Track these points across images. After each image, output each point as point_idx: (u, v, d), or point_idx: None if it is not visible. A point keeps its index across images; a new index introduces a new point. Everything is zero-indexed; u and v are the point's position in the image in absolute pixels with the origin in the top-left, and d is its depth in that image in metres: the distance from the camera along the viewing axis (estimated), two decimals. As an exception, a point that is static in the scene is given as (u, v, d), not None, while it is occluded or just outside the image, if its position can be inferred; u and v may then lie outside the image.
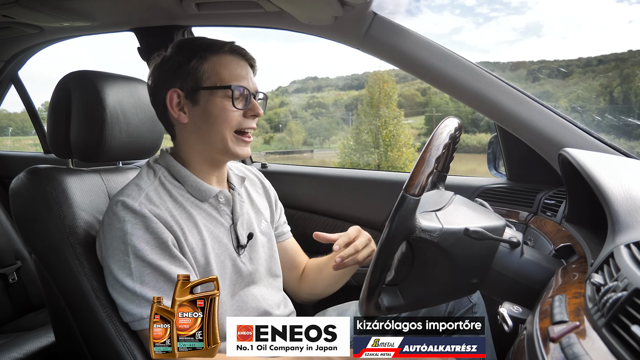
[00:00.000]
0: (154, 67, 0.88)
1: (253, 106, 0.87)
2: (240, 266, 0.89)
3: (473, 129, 17.05)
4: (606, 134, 1.11)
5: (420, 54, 1.14)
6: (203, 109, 0.84)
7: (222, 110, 0.84)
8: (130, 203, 0.79)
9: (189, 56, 0.85)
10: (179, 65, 0.85)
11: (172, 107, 0.85)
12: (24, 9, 1.25)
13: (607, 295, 0.44)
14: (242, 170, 1.03)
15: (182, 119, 0.86)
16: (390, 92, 16.12)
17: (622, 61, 17.95)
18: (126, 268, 0.77)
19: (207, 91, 0.84)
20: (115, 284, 0.78)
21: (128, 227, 0.77)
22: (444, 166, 0.93)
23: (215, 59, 0.85)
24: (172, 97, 0.85)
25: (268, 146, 22.71)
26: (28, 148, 9.16)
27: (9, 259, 1.50)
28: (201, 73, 0.84)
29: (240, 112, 0.85)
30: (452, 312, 0.96)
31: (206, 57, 0.85)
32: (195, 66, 0.84)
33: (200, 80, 0.84)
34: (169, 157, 0.89)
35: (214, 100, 0.84)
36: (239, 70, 0.86)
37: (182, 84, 0.85)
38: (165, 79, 0.86)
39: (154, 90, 0.88)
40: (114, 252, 0.78)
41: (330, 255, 1.06)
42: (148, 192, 0.82)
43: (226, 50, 0.86)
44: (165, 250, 0.78)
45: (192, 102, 0.85)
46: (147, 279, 0.76)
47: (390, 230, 0.64)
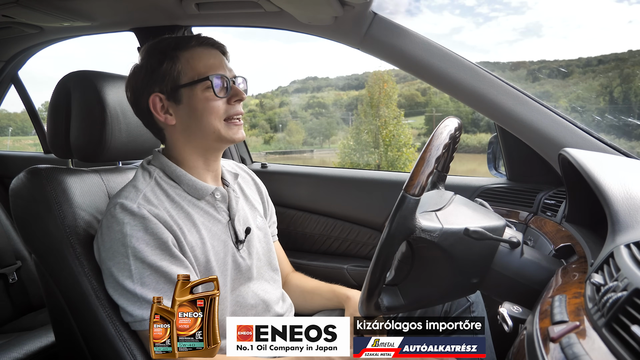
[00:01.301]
0: (128, 78, 0.89)
1: (235, 92, 0.87)
2: (240, 261, 0.90)
3: (473, 129, 17.04)
4: (606, 134, 1.12)
5: (420, 54, 1.14)
6: (187, 106, 0.85)
7: (205, 102, 0.84)
8: (129, 205, 0.79)
9: (160, 58, 0.85)
10: (152, 70, 0.85)
11: (157, 111, 0.86)
12: (24, 9, 1.25)
13: (607, 295, 0.44)
14: (234, 167, 1.04)
15: (169, 121, 0.86)
16: (390, 92, 16.12)
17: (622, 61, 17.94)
18: (126, 270, 0.77)
19: (187, 88, 0.84)
20: (115, 286, 0.78)
21: (127, 229, 0.77)
22: (444, 166, 0.93)
23: (187, 55, 0.85)
24: (154, 101, 0.85)
25: (268, 146, 22.70)
26: (28, 148, 9.16)
27: (9, 259, 1.50)
28: (177, 72, 0.84)
29: (223, 100, 0.86)
30: (448, 312, 0.96)
31: (177, 55, 0.85)
32: (169, 67, 0.84)
33: (177, 79, 0.84)
34: (163, 158, 0.89)
35: (195, 94, 0.84)
36: (212, 60, 0.86)
37: (160, 87, 0.85)
38: (143, 87, 0.86)
39: (134, 100, 0.88)
40: (113, 254, 0.78)
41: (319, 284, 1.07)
42: (146, 193, 0.82)
43: (194, 44, 0.86)
44: (165, 250, 0.78)
45: (175, 102, 0.85)
46: (148, 280, 0.77)
47: (390, 230, 0.64)
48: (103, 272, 0.81)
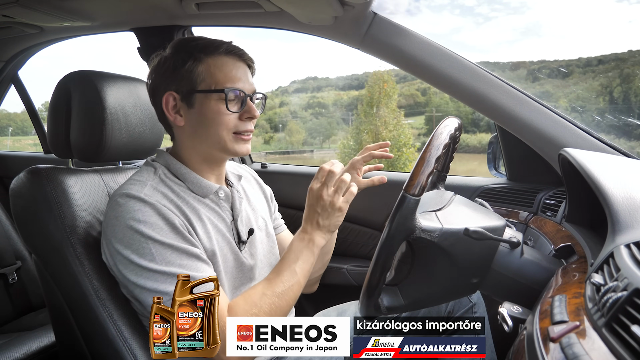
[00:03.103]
0: (152, 68, 0.88)
1: (249, 108, 0.86)
2: (243, 260, 0.90)
3: (473, 129, 17.05)
4: (606, 134, 1.11)
5: (420, 54, 1.14)
6: (198, 112, 0.84)
7: (217, 113, 0.83)
8: (136, 194, 0.79)
9: (185, 58, 0.84)
10: (174, 68, 0.84)
11: (168, 110, 0.85)
12: (24, 9, 1.25)
13: (607, 295, 0.44)
14: (238, 169, 1.04)
15: (178, 122, 0.86)
16: (390, 92, 16.13)
17: (622, 61, 17.95)
18: (148, 254, 0.76)
19: (201, 94, 0.84)
20: (139, 271, 0.76)
21: (139, 215, 0.77)
22: (444, 166, 0.93)
23: (211, 61, 0.84)
24: (167, 100, 0.85)
25: (268, 146, 22.70)
26: (28, 148, 9.16)
27: (9, 259, 1.50)
28: (196, 75, 0.84)
29: (235, 115, 0.85)
30: (452, 312, 0.96)
31: (201, 58, 0.84)
32: (190, 69, 0.84)
33: (195, 83, 0.84)
34: (168, 156, 0.89)
35: (208, 103, 0.83)
36: (234, 72, 0.85)
37: (177, 86, 0.84)
38: (162, 81, 0.86)
39: (152, 91, 0.89)
40: (129, 241, 0.77)
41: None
42: (151, 185, 0.82)
43: (222, 52, 0.85)
44: (178, 233, 0.78)
45: (188, 105, 0.85)
46: (171, 258, 0.76)
47: (390, 230, 0.64)
48: (119, 263, 0.79)
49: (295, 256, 0.84)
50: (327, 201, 0.84)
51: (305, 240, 0.86)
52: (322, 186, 0.84)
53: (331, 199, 0.84)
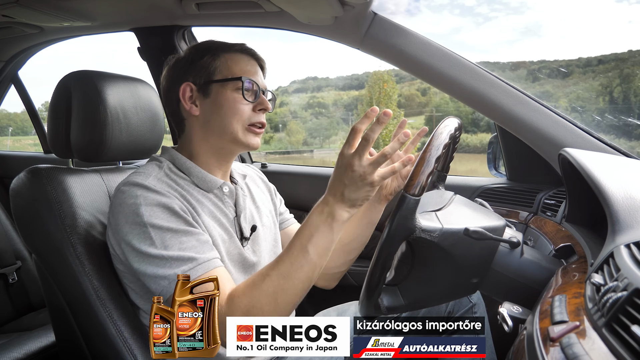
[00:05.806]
0: (168, 68, 0.92)
1: (262, 100, 0.89)
2: (246, 256, 0.90)
3: (473, 129, 17.04)
4: (606, 134, 1.11)
5: (420, 54, 1.14)
6: (214, 101, 0.87)
7: (232, 102, 0.86)
8: (140, 182, 0.80)
9: (203, 53, 0.89)
10: (192, 62, 0.89)
11: (185, 99, 0.88)
12: (24, 9, 1.25)
13: (607, 295, 0.44)
14: (243, 169, 1.05)
15: (193, 111, 0.88)
16: (390, 92, 16.13)
17: (622, 61, 17.95)
18: (147, 239, 0.76)
19: (218, 84, 0.87)
20: (140, 257, 0.76)
21: (141, 201, 0.77)
22: (444, 166, 0.93)
23: (227, 56, 0.89)
24: (185, 90, 0.88)
25: (268, 146, 22.69)
26: (28, 148, 9.16)
27: (9, 259, 1.50)
28: (213, 68, 0.88)
29: (250, 105, 0.87)
30: (452, 312, 0.96)
31: (218, 54, 0.89)
32: (208, 62, 0.88)
33: (212, 75, 0.87)
34: (173, 151, 0.91)
35: (224, 92, 0.86)
36: (249, 67, 0.90)
37: (194, 78, 0.88)
38: (178, 75, 0.89)
39: (167, 88, 0.91)
40: (131, 227, 0.77)
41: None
42: (156, 175, 0.83)
43: (237, 49, 0.90)
44: (180, 218, 0.79)
45: (204, 95, 0.88)
46: (170, 242, 0.76)
47: (390, 230, 0.64)
48: (124, 251, 0.79)
49: (310, 232, 0.73)
50: (357, 172, 0.70)
51: (324, 213, 0.73)
52: (355, 154, 0.70)
53: (363, 171, 0.70)
